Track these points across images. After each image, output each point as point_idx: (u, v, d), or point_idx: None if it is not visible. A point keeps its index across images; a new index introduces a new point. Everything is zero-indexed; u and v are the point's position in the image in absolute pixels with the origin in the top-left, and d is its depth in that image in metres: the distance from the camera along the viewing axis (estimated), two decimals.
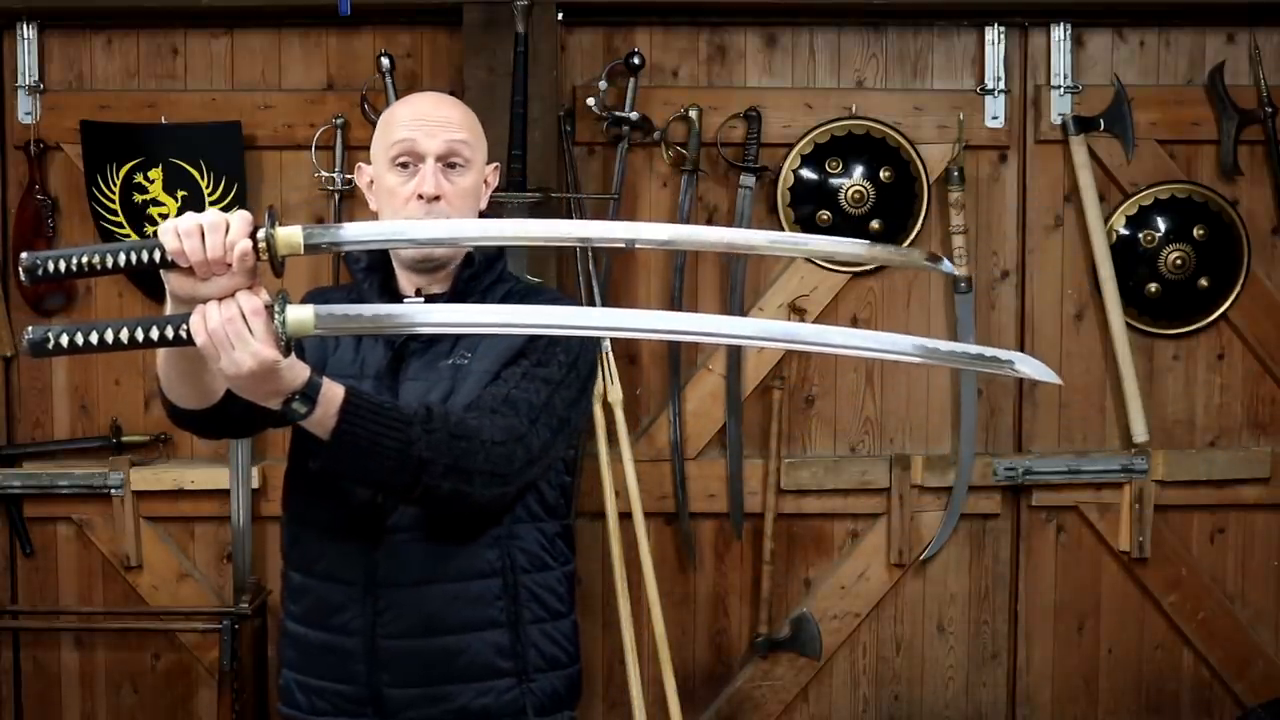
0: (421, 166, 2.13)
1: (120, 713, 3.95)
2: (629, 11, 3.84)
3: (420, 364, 2.12)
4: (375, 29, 3.83)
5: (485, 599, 2.08)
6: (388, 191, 2.15)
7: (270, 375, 1.73)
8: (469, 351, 2.10)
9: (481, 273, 2.20)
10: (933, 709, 4.01)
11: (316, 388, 1.80)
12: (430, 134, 2.13)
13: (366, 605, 2.07)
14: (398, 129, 2.16)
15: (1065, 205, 3.92)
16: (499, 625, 2.09)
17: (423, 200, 2.11)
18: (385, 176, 2.16)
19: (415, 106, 2.22)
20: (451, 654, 2.08)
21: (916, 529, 3.92)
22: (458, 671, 2.08)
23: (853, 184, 3.84)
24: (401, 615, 2.07)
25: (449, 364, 2.10)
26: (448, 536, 2.07)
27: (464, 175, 2.16)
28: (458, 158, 2.15)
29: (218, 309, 1.69)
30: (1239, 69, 3.90)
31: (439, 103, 2.24)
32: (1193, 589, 3.97)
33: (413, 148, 2.13)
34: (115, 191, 3.79)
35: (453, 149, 2.14)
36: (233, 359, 1.69)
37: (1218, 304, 3.93)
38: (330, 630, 2.11)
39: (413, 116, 2.17)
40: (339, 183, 3.79)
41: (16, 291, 3.87)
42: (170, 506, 3.87)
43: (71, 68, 3.86)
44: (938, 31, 3.91)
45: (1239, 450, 3.98)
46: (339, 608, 2.09)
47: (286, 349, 1.71)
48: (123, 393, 3.91)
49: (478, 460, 1.94)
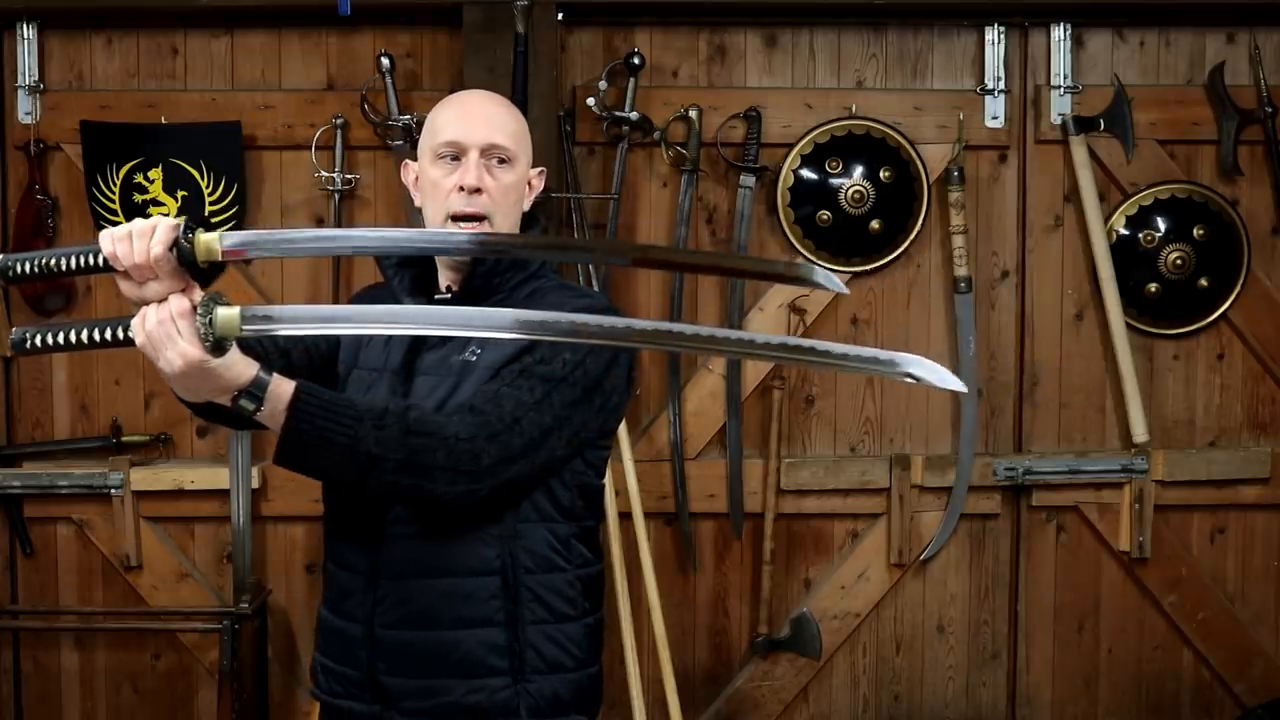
0: (465, 160, 2.14)
1: (120, 713, 3.95)
2: (629, 11, 3.84)
3: (434, 359, 2.13)
4: (375, 29, 3.83)
5: (481, 596, 2.08)
6: (431, 184, 2.16)
7: (205, 374, 1.78)
8: (480, 348, 2.10)
9: (504, 270, 2.19)
10: (933, 709, 4.01)
11: (263, 385, 1.83)
12: (474, 128, 2.15)
13: (368, 594, 2.11)
14: (442, 124, 2.17)
15: (1065, 205, 3.93)
16: (494, 624, 2.08)
17: (464, 192, 2.12)
18: (429, 170, 2.17)
19: (461, 102, 2.24)
20: (445, 648, 2.08)
21: (916, 529, 3.92)
22: (450, 666, 2.08)
23: (853, 184, 3.84)
24: (397, 606, 2.09)
25: (460, 359, 2.11)
26: (445, 532, 2.08)
27: (507, 172, 2.16)
28: (501, 153, 2.15)
29: (154, 311, 1.76)
30: (1239, 69, 3.90)
31: (484, 99, 2.26)
32: (1193, 589, 3.97)
33: (456, 141, 2.14)
34: (115, 191, 3.79)
35: (496, 144, 2.15)
36: (166, 358, 1.76)
37: (1218, 304, 3.93)
38: (340, 616, 2.16)
39: (458, 112, 2.19)
40: (339, 183, 3.79)
41: (16, 291, 3.87)
42: (170, 506, 3.86)
43: (71, 68, 3.86)
44: (938, 31, 3.91)
45: (1239, 450, 3.98)
46: (348, 594, 2.14)
47: (215, 349, 1.76)
48: (123, 393, 3.91)
49: (437, 457, 1.94)
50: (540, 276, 2.22)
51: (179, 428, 3.92)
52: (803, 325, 3.86)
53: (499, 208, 2.15)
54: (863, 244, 3.88)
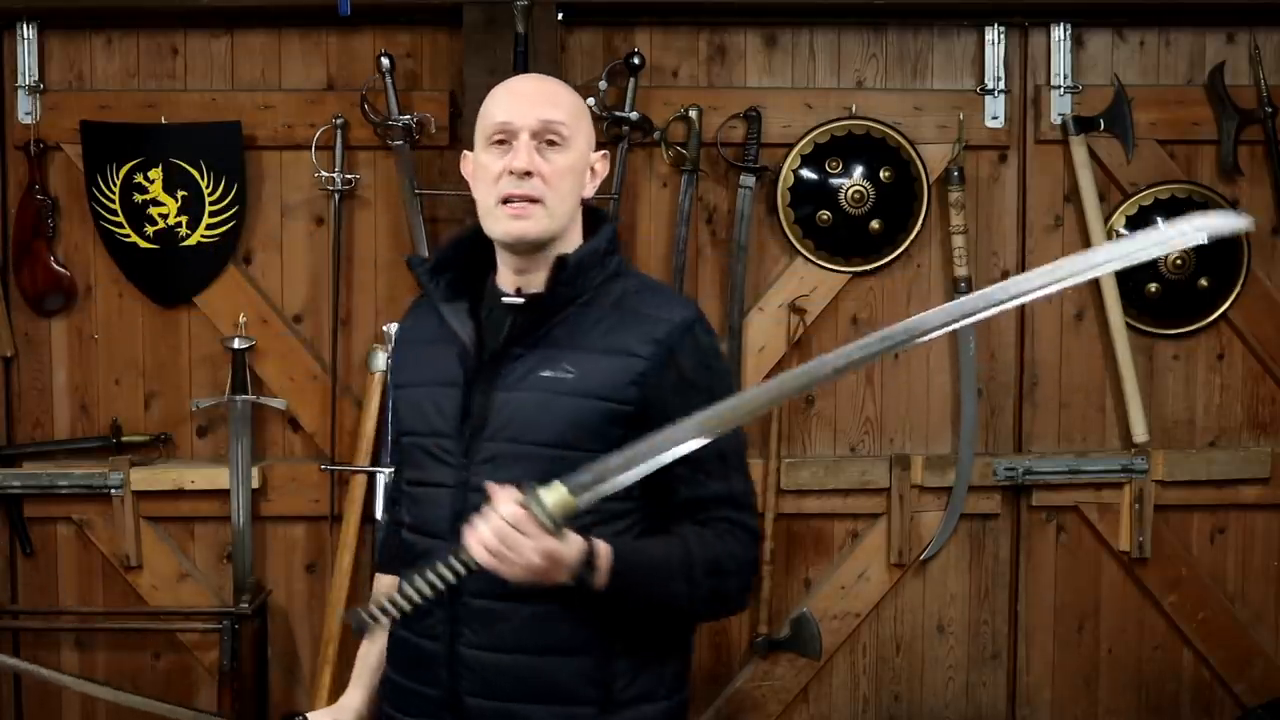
0: (516, 143, 2.05)
1: (120, 713, 3.94)
2: (629, 11, 3.84)
3: (519, 372, 2.05)
4: (375, 29, 3.83)
5: (573, 623, 2.01)
6: (481, 170, 2.08)
7: (557, 560, 1.85)
8: (573, 367, 2.03)
9: (587, 269, 2.09)
10: (933, 709, 4.01)
11: (594, 552, 1.90)
12: (525, 108, 2.06)
13: (449, 612, 2.04)
14: (494, 108, 2.09)
15: (1065, 205, 3.92)
16: (585, 652, 2.02)
17: (514, 176, 2.03)
18: (480, 157, 2.09)
19: (512, 85, 2.16)
20: (532, 674, 2.03)
21: (916, 529, 3.92)
22: (537, 692, 2.03)
23: (853, 184, 3.84)
24: (483, 628, 2.03)
25: (548, 375, 2.03)
26: None
27: (562, 154, 2.06)
28: (554, 135, 2.05)
29: (489, 528, 1.83)
30: (1239, 69, 3.90)
31: (536, 80, 2.20)
32: (1193, 589, 3.97)
33: (506, 123, 2.06)
34: (115, 191, 3.79)
35: (548, 125, 2.05)
36: (524, 562, 1.83)
37: (1218, 304, 3.93)
38: (418, 633, 2.09)
39: (509, 95, 2.11)
40: (339, 183, 3.79)
41: (16, 291, 3.87)
42: (170, 506, 3.86)
43: (71, 68, 3.86)
44: (938, 31, 3.91)
45: (1239, 450, 3.98)
46: (426, 612, 2.03)
47: (558, 532, 1.84)
48: (123, 393, 3.91)
49: (731, 584, 2.07)
50: (621, 274, 2.13)
51: (179, 428, 3.92)
52: (802, 325, 3.86)
53: (553, 191, 2.05)
54: (863, 244, 3.88)
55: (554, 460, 1.98)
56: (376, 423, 3.78)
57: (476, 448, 2.04)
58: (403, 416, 2.18)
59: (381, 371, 3.78)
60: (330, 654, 3.76)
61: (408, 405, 2.16)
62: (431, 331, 2.15)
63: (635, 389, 2.02)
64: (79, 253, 3.88)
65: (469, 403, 2.05)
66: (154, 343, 3.90)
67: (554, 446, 2.01)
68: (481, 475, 2.00)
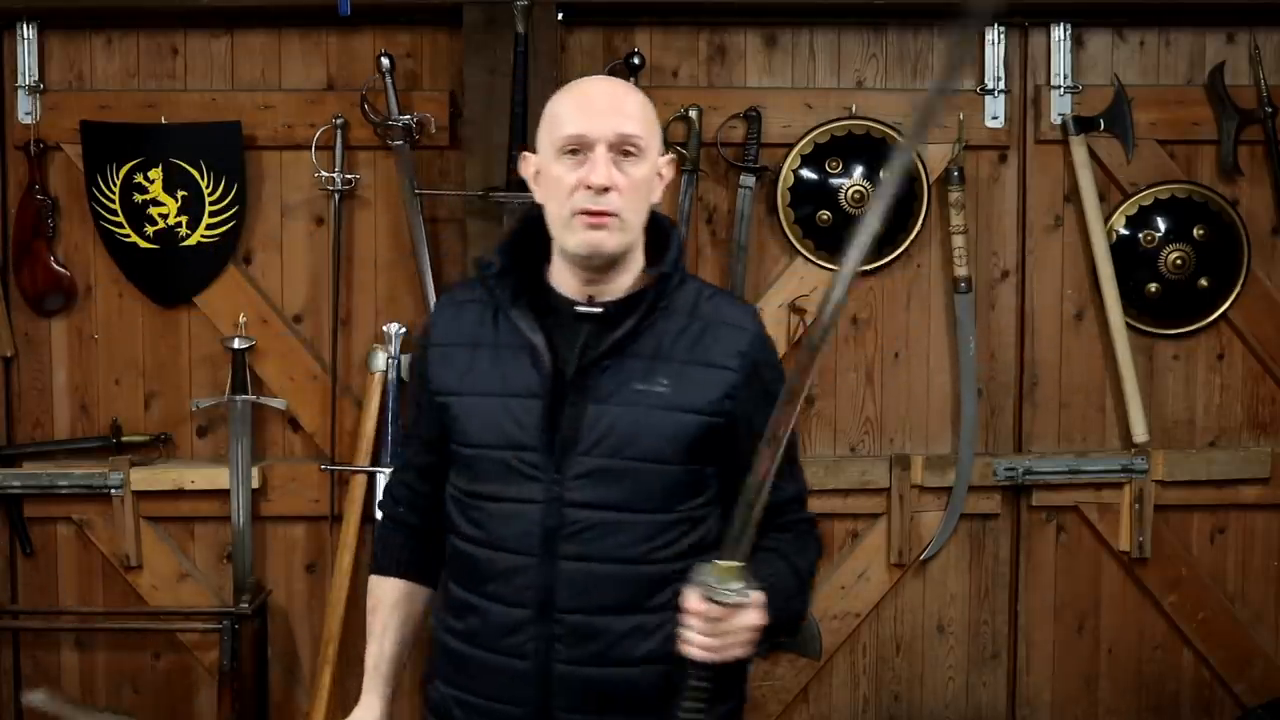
0: (591, 155, 1.99)
1: (120, 713, 3.95)
2: (629, 11, 3.84)
3: (611, 383, 2.01)
4: (375, 29, 3.82)
5: (665, 631, 1.99)
6: (554, 181, 2.01)
7: (759, 622, 1.92)
8: (667, 379, 2.01)
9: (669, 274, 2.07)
10: (933, 709, 4.01)
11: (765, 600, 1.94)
12: (600, 120, 2.00)
13: (542, 629, 2.01)
14: (566, 116, 2.02)
15: (1065, 205, 3.92)
16: (669, 660, 1.99)
17: (591, 190, 1.97)
18: (552, 166, 2.02)
19: (585, 91, 2.08)
20: (629, 685, 2.02)
21: (916, 529, 3.92)
22: (632, 703, 2.03)
23: (853, 184, 3.84)
24: (583, 642, 2.01)
25: (642, 389, 2.01)
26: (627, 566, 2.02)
27: (637, 165, 2.01)
28: (630, 146, 2.00)
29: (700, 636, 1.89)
30: (1239, 69, 3.90)
31: (611, 87, 2.12)
32: (1193, 589, 3.97)
33: (581, 135, 1.99)
34: (115, 191, 3.79)
35: (625, 137, 2.00)
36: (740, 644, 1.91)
37: (1218, 304, 3.93)
38: (500, 652, 2.04)
39: (582, 103, 2.04)
40: (339, 183, 3.79)
41: (16, 291, 3.87)
42: (170, 506, 3.86)
43: (71, 68, 3.86)
44: (938, 31, 3.90)
45: (1239, 450, 3.98)
46: (512, 629, 2.02)
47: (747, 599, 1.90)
48: (123, 393, 3.91)
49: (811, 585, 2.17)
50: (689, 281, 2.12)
51: (179, 428, 3.92)
52: (803, 325, 3.85)
53: (629, 204, 2.00)
54: None
55: (651, 475, 2.00)
56: (376, 423, 3.78)
57: (569, 463, 2.00)
58: (462, 427, 2.07)
59: (381, 371, 3.78)
60: (330, 654, 3.76)
61: (469, 415, 2.07)
62: (479, 335, 2.08)
63: (728, 401, 2.03)
64: (79, 253, 3.88)
65: (556, 415, 2.01)
66: (154, 343, 3.90)
67: (652, 461, 2.00)
68: (577, 491, 1.99)
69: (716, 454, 2.03)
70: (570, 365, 2.02)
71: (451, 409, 2.08)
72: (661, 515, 2.02)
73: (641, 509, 2.01)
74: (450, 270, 3.81)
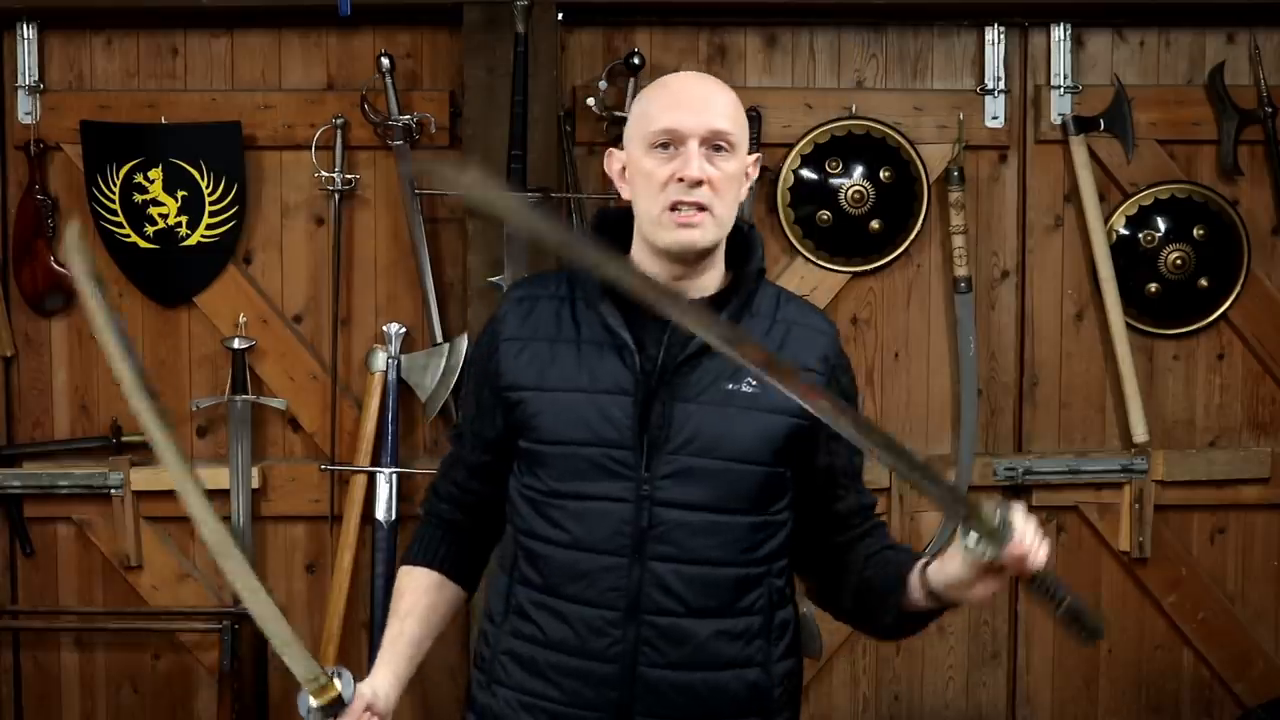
0: (684, 149, 1.97)
1: (120, 713, 3.95)
2: (629, 11, 3.84)
3: (701, 383, 1.99)
4: (375, 29, 3.82)
5: (748, 635, 2.01)
6: (644, 175, 2.00)
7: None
8: (754, 379, 1.97)
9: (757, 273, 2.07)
10: (933, 709, 4.01)
11: None
12: (694, 114, 1.99)
13: (629, 632, 1.97)
14: (658, 110, 2.02)
15: (1065, 205, 3.93)
16: (755, 664, 2.01)
17: (684, 184, 1.95)
18: (642, 160, 2.00)
19: (678, 87, 2.08)
20: (711, 689, 2.00)
21: (916, 529, 3.92)
22: (713, 708, 2.01)
23: (853, 184, 3.84)
24: (671, 646, 1.98)
25: (732, 389, 1.99)
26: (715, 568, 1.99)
27: (729, 160, 1.99)
28: (722, 141, 1.99)
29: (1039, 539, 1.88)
30: (1239, 69, 3.90)
31: (703, 82, 2.10)
32: (1193, 589, 3.97)
33: (674, 129, 1.98)
34: (115, 191, 3.79)
35: (717, 132, 1.98)
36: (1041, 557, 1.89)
37: (1218, 304, 3.93)
38: (583, 655, 2.00)
39: (676, 97, 2.04)
40: (339, 183, 3.79)
41: (16, 291, 3.87)
42: (170, 506, 3.81)
43: (71, 68, 3.86)
44: (938, 31, 3.91)
45: (1239, 450, 3.98)
46: (597, 632, 1.98)
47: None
48: (123, 392, 3.90)
49: None
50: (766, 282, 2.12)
51: (179, 428, 3.91)
52: None
53: (721, 199, 1.98)
54: (863, 244, 3.88)
55: (739, 476, 1.98)
56: (376, 423, 3.78)
57: (659, 461, 1.97)
58: (542, 423, 2.01)
59: (381, 371, 3.78)
60: (330, 654, 3.76)
61: (550, 411, 2.01)
62: (558, 330, 2.05)
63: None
64: None
65: (648, 413, 1.98)
66: (154, 343, 3.90)
67: (741, 462, 1.98)
68: (666, 491, 1.96)
69: (798, 456, 2.02)
70: (657, 362, 1.99)
71: (529, 405, 2.02)
72: (748, 517, 2.00)
73: (730, 509, 1.98)
74: (450, 270, 3.81)
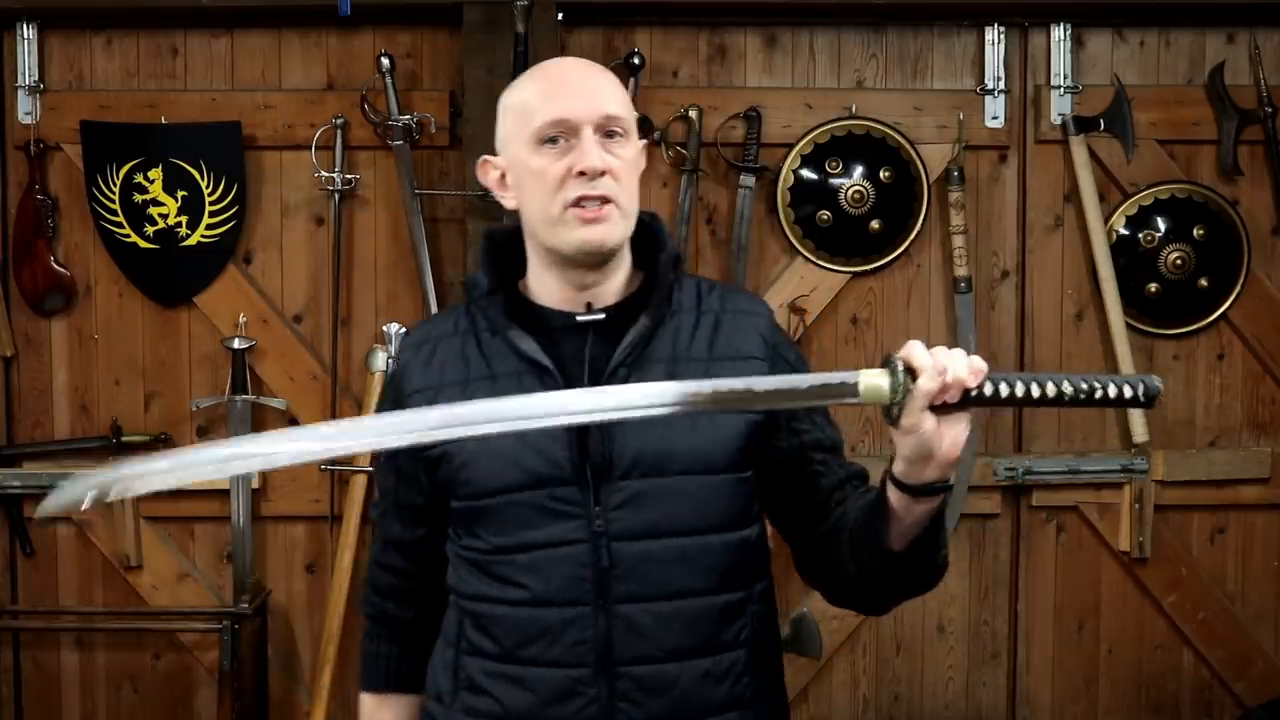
0: (576, 139, 1.78)
1: (120, 713, 3.95)
2: (629, 11, 3.84)
3: None
4: (375, 29, 3.82)
5: (735, 672, 1.83)
6: (534, 175, 1.79)
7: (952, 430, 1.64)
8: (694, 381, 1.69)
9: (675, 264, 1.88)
10: (933, 709, 4.01)
11: None
12: (584, 100, 1.80)
13: (601, 689, 1.78)
14: (541, 101, 1.81)
15: (1065, 205, 3.92)
16: (744, 704, 1.83)
17: (585, 177, 1.77)
18: (529, 160, 1.80)
19: (559, 71, 1.89)
20: None
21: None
22: None
23: (853, 184, 3.84)
24: (647, 698, 1.78)
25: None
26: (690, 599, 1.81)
27: (624, 147, 1.81)
28: (617, 127, 1.80)
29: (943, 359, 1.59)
30: (1239, 69, 3.90)
31: (584, 66, 1.90)
32: (1193, 589, 3.97)
33: (564, 119, 1.78)
34: (115, 191, 3.79)
35: (611, 116, 1.80)
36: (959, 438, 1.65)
37: (1218, 304, 3.93)
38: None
39: (558, 84, 1.83)
40: (339, 183, 3.79)
41: (16, 291, 3.87)
42: (170, 506, 3.86)
43: (71, 68, 3.86)
44: (938, 31, 3.91)
45: (1239, 450, 3.98)
46: (566, 695, 1.78)
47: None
48: (123, 393, 3.91)
49: None
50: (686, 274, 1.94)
51: (179, 428, 3.91)
52: (802, 325, 3.86)
53: (624, 189, 1.80)
54: (863, 244, 3.88)
55: (698, 490, 1.80)
56: None
57: (607, 491, 1.78)
58: (472, 476, 1.82)
59: (381, 371, 3.78)
60: (330, 654, 3.75)
61: (479, 461, 1.81)
62: (467, 370, 1.85)
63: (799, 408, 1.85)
64: (79, 253, 3.88)
65: (585, 440, 1.78)
66: (154, 343, 3.90)
67: (699, 473, 1.80)
68: (621, 522, 1.77)
69: (759, 453, 1.85)
70: (582, 382, 1.79)
71: (453, 459, 1.82)
72: (718, 535, 1.82)
73: (697, 530, 1.80)
74: (450, 270, 3.81)
